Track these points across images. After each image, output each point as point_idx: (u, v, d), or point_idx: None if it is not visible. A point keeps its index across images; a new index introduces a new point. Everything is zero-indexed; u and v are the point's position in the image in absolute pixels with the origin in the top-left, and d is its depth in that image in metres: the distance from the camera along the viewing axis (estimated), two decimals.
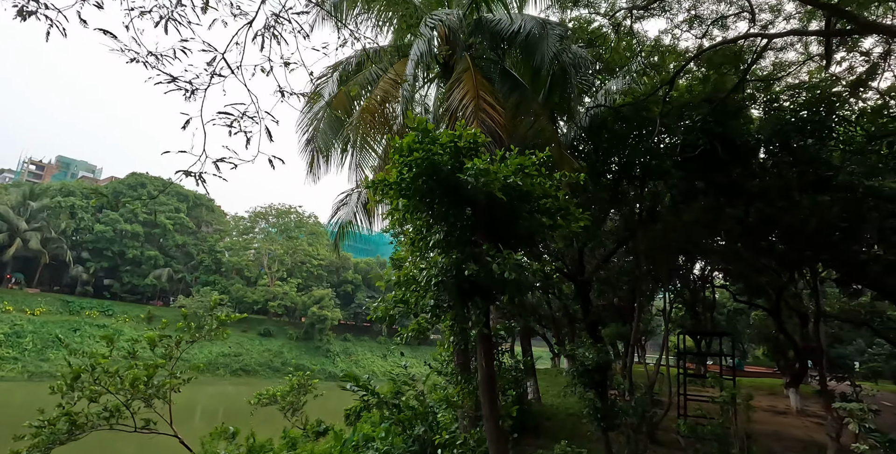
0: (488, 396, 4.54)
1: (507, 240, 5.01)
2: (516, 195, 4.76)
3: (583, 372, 7.85)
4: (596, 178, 12.38)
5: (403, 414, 6.27)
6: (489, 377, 4.57)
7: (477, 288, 4.50)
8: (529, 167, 4.80)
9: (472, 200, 4.74)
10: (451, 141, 4.60)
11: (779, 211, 12.70)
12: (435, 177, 4.55)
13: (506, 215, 4.90)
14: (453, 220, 4.95)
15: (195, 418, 35.53)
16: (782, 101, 12.41)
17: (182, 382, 12.00)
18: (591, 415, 7.92)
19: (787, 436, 12.18)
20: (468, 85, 9.29)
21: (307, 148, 11.29)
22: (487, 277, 4.19)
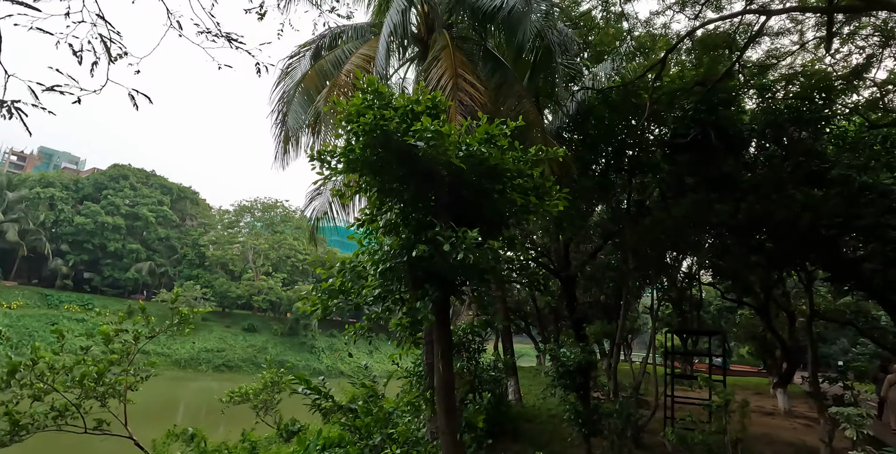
0: (445, 405, 3.89)
1: (474, 223, 4.36)
2: (484, 170, 4.11)
3: (564, 373, 7.28)
4: (583, 168, 11.78)
5: (360, 420, 5.64)
6: (447, 383, 3.91)
7: (434, 276, 3.84)
8: (499, 138, 4.14)
9: (431, 174, 4.09)
10: (407, 104, 3.94)
11: (771, 206, 12.24)
12: (387, 146, 3.88)
13: (472, 194, 4.25)
14: (407, 197, 4.31)
15: (176, 416, 34.68)
16: (777, 91, 11.89)
17: (139, 380, 11.27)
18: (572, 419, 7.34)
19: (777, 439, 11.71)
20: (446, 63, 8.65)
21: (278, 129, 10.58)
22: (443, 263, 3.54)
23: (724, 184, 12.51)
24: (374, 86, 3.95)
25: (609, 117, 11.00)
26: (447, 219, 3.97)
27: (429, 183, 4.18)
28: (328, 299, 3.81)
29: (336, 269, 3.88)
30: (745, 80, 11.98)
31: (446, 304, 4.08)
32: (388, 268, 3.71)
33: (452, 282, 3.79)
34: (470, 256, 3.35)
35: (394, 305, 4.13)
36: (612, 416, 8.16)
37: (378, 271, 3.75)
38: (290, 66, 10.87)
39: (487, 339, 17.73)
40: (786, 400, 16.41)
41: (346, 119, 3.87)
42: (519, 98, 9.22)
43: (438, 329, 4.08)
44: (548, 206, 4.32)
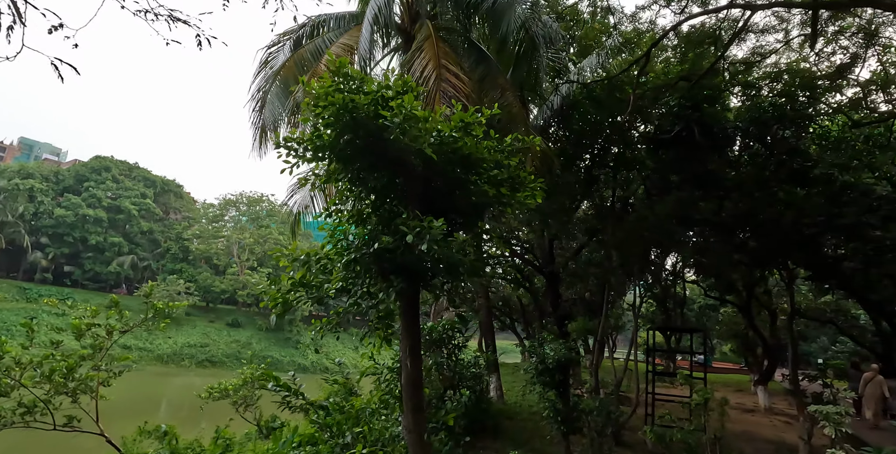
0: (412, 403, 3.73)
1: (447, 214, 4.19)
2: (458, 160, 3.94)
3: (543, 370, 7.16)
4: (567, 164, 11.68)
5: (331, 418, 5.46)
6: (414, 380, 3.75)
7: (401, 268, 3.67)
8: (474, 127, 3.96)
9: (402, 162, 3.92)
10: (378, 90, 3.74)
11: (754, 204, 12.25)
12: (356, 132, 3.68)
13: (445, 184, 4.07)
14: (377, 187, 4.12)
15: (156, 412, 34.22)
16: (761, 88, 11.87)
17: (112, 376, 10.97)
18: (551, 417, 7.23)
19: (758, 436, 11.75)
20: (430, 53, 8.46)
21: (256, 120, 10.32)
22: (409, 254, 3.37)
23: (708, 181, 12.48)
24: (344, 68, 3.75)
25: (593, 112, 10.89)
26: (418, 209, 3.81)
27: (400, 171, 4.00)
28: (288, 293, 3.60)
29: (301, 261, 3.69)
30: (730, 77, 11.94)
31: (415, 298, 3.92)
32: (354, 260, 3.52)
33: (421, 275, 3.62)
34: (434, 248, 3.18)
35: (361, 299, 3.96)
36: (593, 414, 8.07)
37: (342, 263, 3.57)
38: (270, 55, 10.60)
39: (472, 336, 17.67)
40: (766, 397, 16.52)
41: (315, 102, 3.67)
42: (502, 90, 9.07)
43: (406, 323, 3.92)
44: (522, 198, 4.15)
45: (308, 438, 6.20)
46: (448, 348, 9.23)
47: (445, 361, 9.09)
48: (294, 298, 3.57)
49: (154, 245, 69.06)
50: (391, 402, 5.40)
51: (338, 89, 3.68)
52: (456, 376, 9.16)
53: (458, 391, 8.96)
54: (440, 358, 8.97)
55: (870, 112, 14.12)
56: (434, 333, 9.06)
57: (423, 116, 3.60)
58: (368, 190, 4.10)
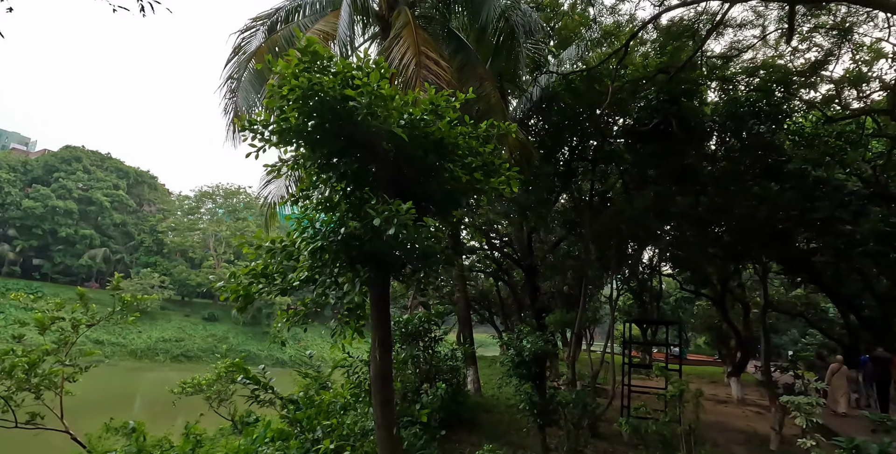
0: (381, 396, 3.59)
1: (419, 201, 4.05)
2: (430, 144, 3.79)
3: (519, 362, 7.10)
4: (546, 156, 11.61)
5: (301, 412, 5.31)
6: (384, 373, 3.61)
7: (371, 257, 3.51)
8: (446, 110, 3.81)
9: (372, 146, 3.76)
10: (347, 70, 3.55)
11: (730, 198, 12.38)
12: (323, 114, 3.50)
13: (416, 170, 3.93)
14: (345, 171, 3.96)
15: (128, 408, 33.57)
16: (738, 82, 11.95)
17: (78, 371, 10.64)
18: (527, 409, 7.18)
19: (730, 426, 11.91)
20: (408, 40, 8.28)
21: (228, 107, 10.02)
22: (377, 240, 3.21)
23: (685, 176, 12.56)
24: (312, 46, 3.54)
25: (572, 104, 10.83)
26: (389, 196, 3.67)
27: (370, 156, 3.85)
28: (250, 285, 3.39)
29: (265, 250, 3.50)
30: (708, 71, 12.00)
31: (385, 288, 3.78)
32: (320, 248, 3.35)
33: (391, 264, 3.47)
34: (403, 232, 3.04)
35: (328, 290, 3.79)
36: (569, 406, 8.06)
37: (308, 251, 3.39)
38: (244, 40, 10.29)
39: (451, 329, 17.59)
40: (739, 388, 16.82)
41: (279, 82, 3.47)
42: (481, 80, 8.93)
43: (376, 314, 3.78)
44: (496, 185, 4.02)
45: (278, 434, 6.04)
46: (424, 341, 9.12)
47: (422, 354, 8.98)
48: (256, 290, 3.38)
49: (127, 238, 67.53)
50: (363, 396, 5.26)
51: (305, 69, 3.50)
52: (432, 369, 9.06)
53: (434, 384, 8.87)
54: (416, 350, 8.86)
55: (842, 109, 14.35)
56: (410, 326, 8.95)
57: (390, 94, 3.44)
58: (338, 176, 3.93)
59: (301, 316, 3.96)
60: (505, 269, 24.08)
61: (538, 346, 6.97)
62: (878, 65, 15.50)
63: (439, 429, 7.62)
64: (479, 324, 35.29)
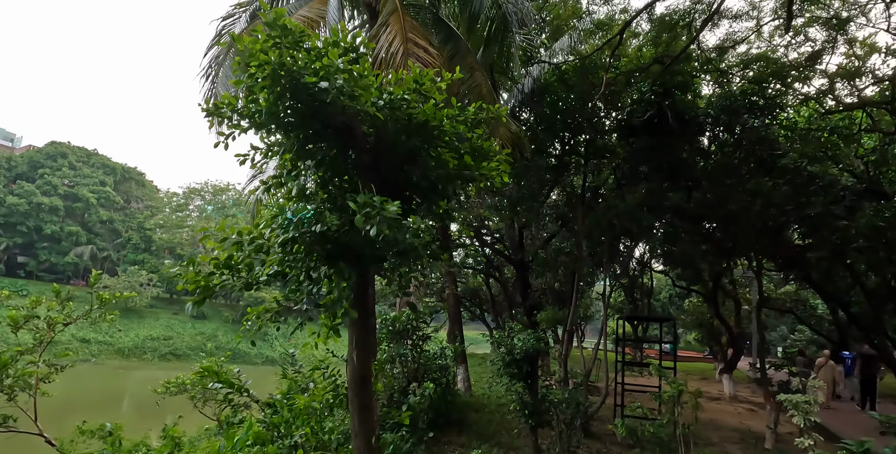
0: (358, 401, 3.29)
1: (403, 190, 3.76)
2: (414, 128, 3.50)
3: (510, 361, 6.85)
4: (538, 148, 11.34)
5: (277, 416, 5.01)
6: (361, 376, 3.31)
7: (349, 251, 3.21)
8: (431, 90, 3.50)
9: (350, 130, 3.46)
10: (323, 47, 3.23)
11: (723, 194, 12.20)
12: (297, 95, 3.18)
13: (399, 156, 3.62)
14: (323, 158, 3.65)
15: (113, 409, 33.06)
16: (733, 75, 11.76)
17: (54, 371, 10.25)
18: (518, 409, 6.93)
19: (724, 424, 11.77)
20: (396, 27, 7.98)
21: (209, 96, 9.65)
22: (355, 236, 2.91)
23: (678, 170, 12.37)
24: (281, 19, 3.22)
25: (565, 97, 10.56)
26: (371, 184, 3.38)
27: (349, 141, 3.55)
28: (210, 276, 3.05)
29: (231, 242, 3.17)
30: (703, 62, 11.79)
31: (364, 283, 3.49)
32: (292, 239, 3.04)
33: (371, 258, 3.18)
34: (385, 232, 2.73)
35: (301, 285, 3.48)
36: (562, 406, 7.83)
37: (279, 242, 3.07)
38: (225, 27, 9.94)
39: (441, 327, 17.33)
40: (731, 385, 16.73)
41: (247, 59, 3.14)
42: (471, 70, 8.65)
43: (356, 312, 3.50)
44: (486, 171, 3.72)
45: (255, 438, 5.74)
46: (412, 339, 8.84)
47: (410, 353, 8.70)
48: (219, 282, 3.05)
49: (114, 235, 66.61)
50: (341, 399, 4.96)
51: (275, 45, 3.18)
52: (420, 368, 8.79)
53: (422, 384, 8.60)
54: (403, 349, 8.58)
55: (837, 103, 14.24)
56: (398, 324, 8.67)
57: (360, 72, 3.13)
58: (316, 163, 3.62)
59: (273, 313, 3.66)
60: (497, 266, 23.86)
61: (529, 344, 6.72)
62: (871, 60, 15.43)
63: (427, 430, 7.36)
64: (471, 322, 35.10)
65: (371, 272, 3.46)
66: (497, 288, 25.96)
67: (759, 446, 9.56)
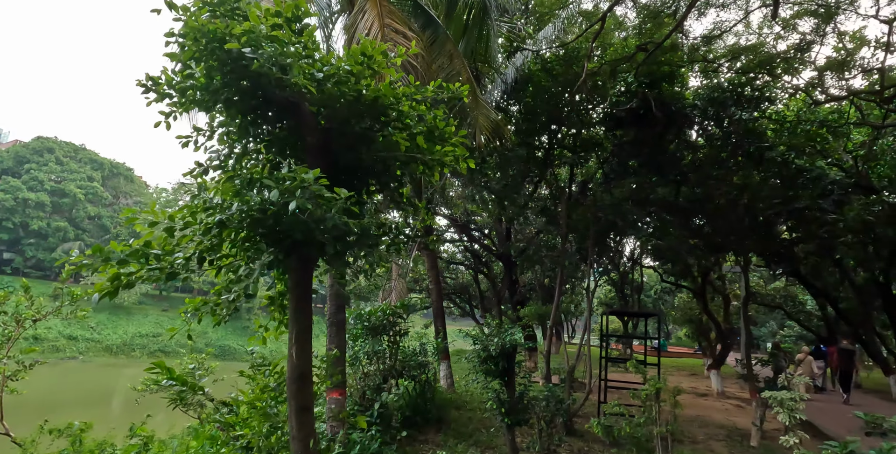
0: (297, 402, 3.00)
1: (352, 173, 3.47)
2: (365, 106, 3.20)
3: (486, 357, 6.61)
4: (522, 141, 11.08)
5: (233, 416, 4.75)
6: (301, 374, 3.02)
7: (283, 236, 2.91)
8: (379, 61, 3.19)
9: (295, 106, 3.16)
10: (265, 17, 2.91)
11: (711, 187, 12.04)
12: (235, 69, 2.88)
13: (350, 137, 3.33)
14: (270, 139, 3.34)
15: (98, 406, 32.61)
16: (720, 65, 11.55)
17: (23, 368, 9.92)
18: (494, 408, 6.69)
19: (710, 421, 11.60)
20: (373, 12, 7.72)
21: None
22: (291, 218, 2.60)
23: (665, 164, 12.18)
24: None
25: (548, 86, 10.28)
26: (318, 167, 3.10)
27: (296, 120, 3.25)
28: (123, 265, 2.70)
29: (162, 227, 2.85)
30: (690, 51, 11.57)
31: (303, 272, 3.20)
32: (218, 223, 2.73)
33: (309, 244, 2.87)
34: (308, 208, 2.42)
35: (232, 273, 3.20)
36: (542, 403, 7.61)
37: (202, 226, 2.75)
38: None
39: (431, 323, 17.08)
40: (719, 381, 16.61)
41: (180, 31, 2.83)
42: (451, 58, 8.38)
43: (295, 303, 3.22)
44: (440, 155, 3.40)
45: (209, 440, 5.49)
46: (389, 335, 8.58)
47: (387, 349, 8.45)
48: (138, 270, 2.72)
49: (103, 231, 65.84)
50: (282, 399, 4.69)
51: (211, 12, 2.89)
52: (397, 365, 8.54)
53: (397, 381, 8.38)
54: (379, 345, 8.32)
55: (826, 97, 14.08)
56: (374, 319, 8.40)
57: (283, 39, 2.81)
58: (265, 145, 3.32)
59: (210, 306, 3.39)
60: (486, 262, 23.68)
61: (506, 340, 6.48)
62: (861, 53, 15.28)
63: (400, 429, 7.12)
64: (462, 318, 34.95)
65: (313, 261, 3.18)
66: (486, 284, 25.80)
67: (744, 443, 9.39)
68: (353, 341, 8.54)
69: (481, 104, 8.24)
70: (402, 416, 8.25)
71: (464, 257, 25.31)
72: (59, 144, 65.83)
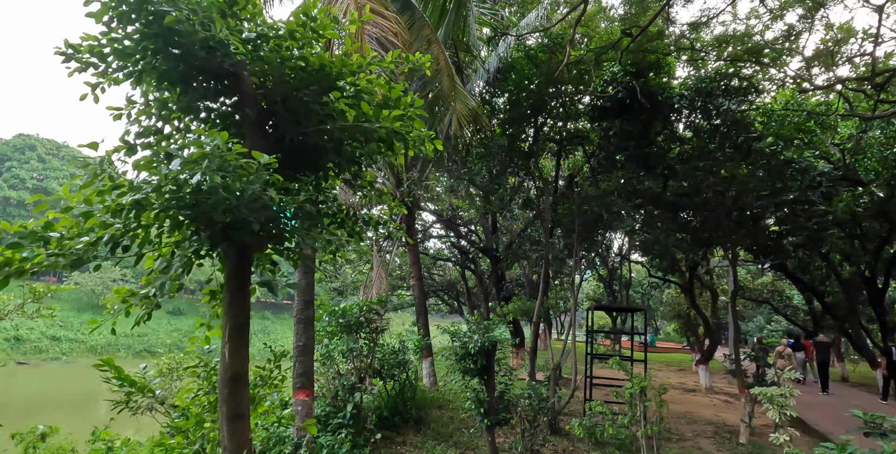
0: (228, 408, 2.63)
1: (300, 153, 3.11)
2: (312, 76, 2.85)
3: (463, 355, 6.29)
4: (503, 130, 10.75)
5: (182, 420, 4.40)
6: (235, 376, 2.67)
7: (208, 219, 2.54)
8: (324, 24, 2.83)
9: (236, 77, 2.80)
10: None
11: (698, 180, 11.81)
12: (168, 35, 2.51)
13: (295, 110, 2.97)
14: (208, 114, 2.99)
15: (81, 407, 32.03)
16: (707, 53, 11.31)
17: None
18: (473, 408, 6.38)
19: (698, 417, 11.39)
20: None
21: None
22: (206, 195, 2.24)
23: (652, 157, 11.94)
24: None
25: (532, 75, 9.94)
26: (262, 144, 2.76)
27: (236, 92, 2.90)
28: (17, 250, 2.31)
29: (80, 210, 2.48)
30: (677, 38, 11.29)
31: (239, 262, 2.84)
32: (135, 204, 2.36)
33: (247, 228, 2.51)
34: (216, 180, 2.08)
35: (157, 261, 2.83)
36: (525, 402, 7.31)
37: (112, 206, 2.37)
38: None
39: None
40: (708, 376, 16.45)
41: None
42: (428, 43, 8.02)
43: (229, 296, 2.87)
44: (388, 122, 3.01)
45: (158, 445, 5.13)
46: (365, 332, 8.22)
47: (363, 347, 8.09)
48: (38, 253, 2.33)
49: None
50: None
51: None
52: (375, 363, 8.19)
53: (384, 380, 8.04)
54: (353, 343, 7.96)
55: (814, 86, 13.92)
56: (349, 316, 8.03)
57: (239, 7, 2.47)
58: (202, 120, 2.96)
59: (141, 297, 3.03)
60: (473, 258, 23.35)
61: (485, 337, 6.17)
62: (849, 44, 15.16)
63: (375, 431, 6.78)
64: (451, 315, 34.67)
65: (249, 248, 2.83)
66: (474, 280, 25.49)
67: (733, 441, 9.16)
68: (330, 339, 8.18)
69: (459, 91, 7.90)
70: (378, 417, 7.91)
71: (451, 253, 24.95)
72: (41, 141, 64.70)
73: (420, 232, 21.74)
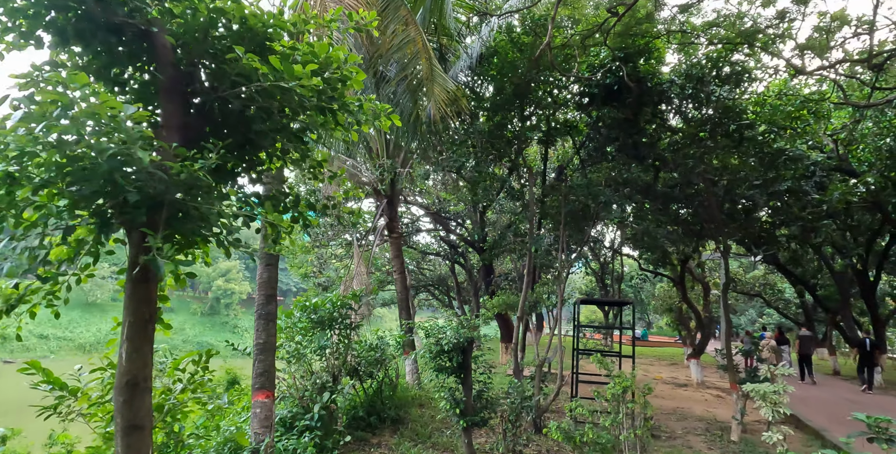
0: (124, 418, 2.17)
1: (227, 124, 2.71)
2: (233, 33, 2.44)
3: (437, 352, 5.92)
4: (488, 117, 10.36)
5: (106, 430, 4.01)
6: (129, 383, 2.28)
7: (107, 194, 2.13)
8: None
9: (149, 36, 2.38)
10: None
11: (689, 170, 11.49)
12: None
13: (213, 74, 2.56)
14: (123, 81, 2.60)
15: None
16: (699, 36, 10.96)
17: None
18: (449, 408, 6.01)
19: (689, 413, 11.11)
20: None
21: None
22: (76, 160, 1.85)
23: (642, 147, 11.60)
24: None
25: (516, 59, 9.52)
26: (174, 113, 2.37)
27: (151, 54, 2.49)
28: None
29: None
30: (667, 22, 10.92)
31: (137, 245, 2.44)
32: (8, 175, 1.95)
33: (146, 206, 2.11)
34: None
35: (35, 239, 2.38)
36: (507, 400, 6.96)
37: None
38: None
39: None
40: (699, 371, 16.23)
41: None
42: (405, 24, 7.58)
43: (130, 289, 2.46)
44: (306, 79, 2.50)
45: None
46: (339, 328, 7.82)
47: (339, 344, 7.69)
48: None
49: None
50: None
51: None
52: (351, 361, 7.81)
53: (345, 380, 7.65)
54: (326, 340, 7.56)
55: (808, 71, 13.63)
56: (320, 311, 7.63)
57: None
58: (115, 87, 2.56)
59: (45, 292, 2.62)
60: (462, 252, 23.00)
61: (461, 333, 5.80)
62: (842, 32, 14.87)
63: (345, 433, 6.41)
64: (444, 310, 34.42)
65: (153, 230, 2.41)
66: (464, 275, 25.17)
67: (724, 438, 8.86)
68: (303, 336, 7.77)
69: (437, 74, 7.47)
70: (352, 418, 7.55)
71: (440, 247, 24.59)
72: None
73: (408, 225, 21.36)
